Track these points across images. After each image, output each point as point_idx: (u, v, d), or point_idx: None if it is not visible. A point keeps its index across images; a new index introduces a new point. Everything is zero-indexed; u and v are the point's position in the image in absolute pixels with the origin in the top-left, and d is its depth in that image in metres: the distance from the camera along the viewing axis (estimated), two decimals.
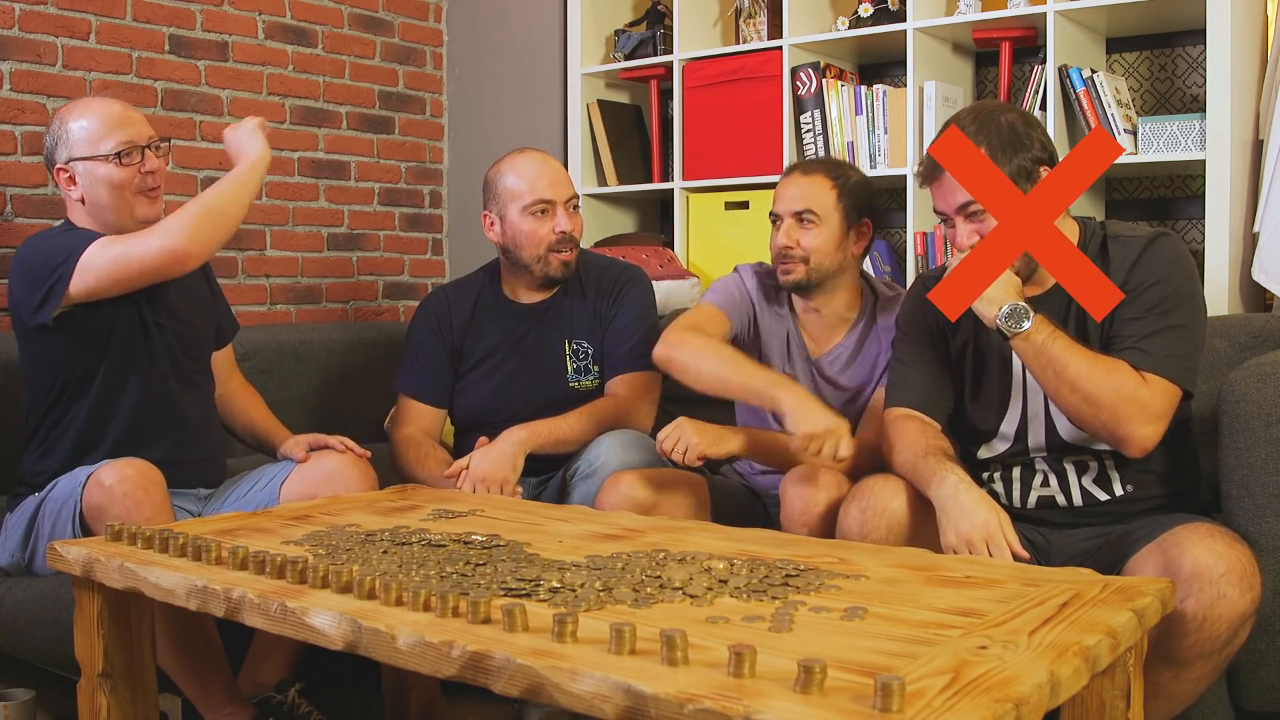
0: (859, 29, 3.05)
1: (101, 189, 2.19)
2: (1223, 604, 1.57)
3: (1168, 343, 1.80)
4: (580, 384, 2.51)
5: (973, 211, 1.87)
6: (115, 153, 2.19)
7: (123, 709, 1.76)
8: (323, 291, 3.58)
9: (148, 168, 2.22)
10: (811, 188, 2.25)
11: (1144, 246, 1.86)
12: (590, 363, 2.52)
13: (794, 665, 1.07)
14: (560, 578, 1.47)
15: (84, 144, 2.19)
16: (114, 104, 2.25)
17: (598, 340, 2.52)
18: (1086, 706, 1.40)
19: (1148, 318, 1.82)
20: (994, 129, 1.87)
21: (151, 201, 2.24)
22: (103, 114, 2.21)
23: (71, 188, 2.21)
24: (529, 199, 2.43)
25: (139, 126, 2.24)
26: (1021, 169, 1.86)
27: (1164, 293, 1.82)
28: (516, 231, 2.46)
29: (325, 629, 1.35)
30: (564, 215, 2.45)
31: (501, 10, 3.81)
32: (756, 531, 1.79)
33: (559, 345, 2.52)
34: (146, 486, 1.96)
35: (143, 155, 2.22)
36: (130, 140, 2.20)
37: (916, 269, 2.92)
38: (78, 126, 2.19)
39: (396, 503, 2.08)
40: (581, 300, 2.55)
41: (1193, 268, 1.88)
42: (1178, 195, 2.88)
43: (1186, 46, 2.83)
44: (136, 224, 2.21)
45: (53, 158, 2.23)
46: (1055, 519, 1.95)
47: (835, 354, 2.31)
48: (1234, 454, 1.81)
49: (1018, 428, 1.95)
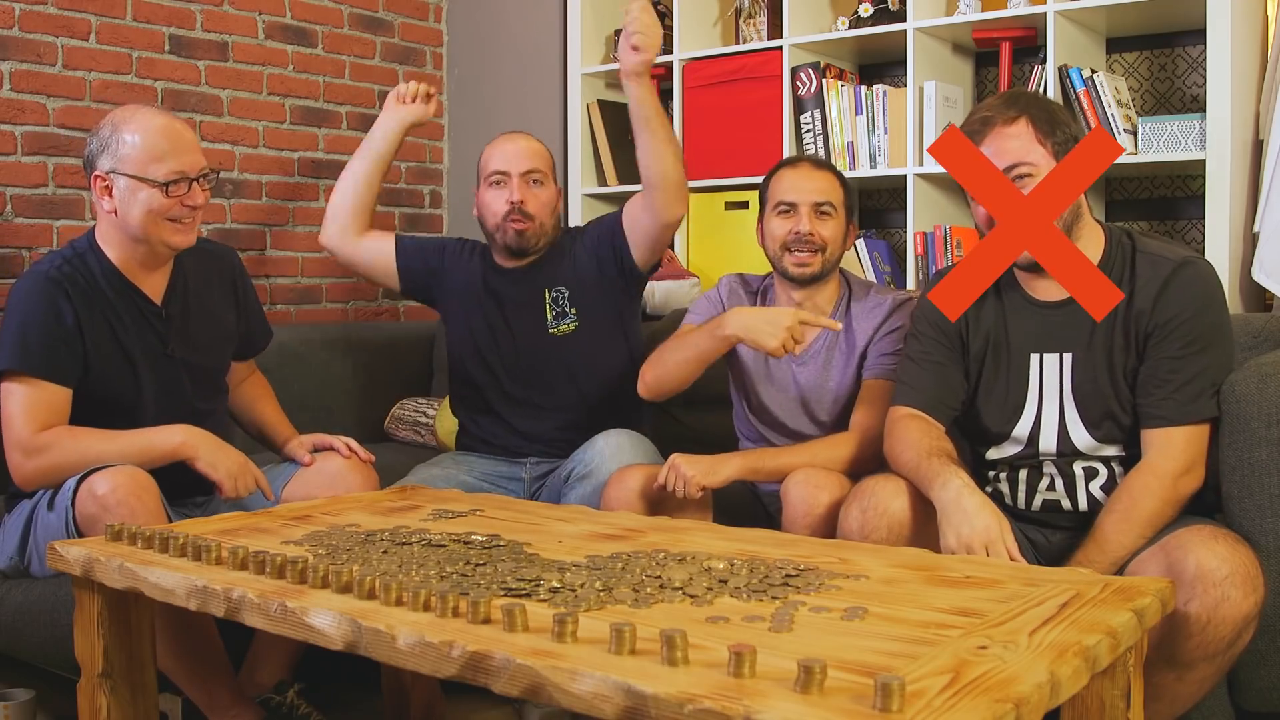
0: (859, 29, 3.05)
1: (138, 210, 2.10)
2: (1226, 606, 1.57)
3: (1200, 387, 1.82)
4: (560, 329, 2.58)
5: (1017, 175, 1.85)
6: (164, 182, 2.10)
7: (123, 709, 1.76)
8: (323, 291, 3.58)
9: (191, 201, 2.14)
10: (827, 181, 2.29)
11: (1172, 272, 1.84)
12: (568, 305, 2.58)
13: (794, 665, 1.06)
14: (560, 578, 1.47)
15: (133, 161, 2.09)
16: (174, 125, 2.15)
17: (572, 281, 2.59)
18: (1086, 706, 1.40)
19: (1184, 357, 1.82)
20: (1032, 102, 1.88)
21: (185, 230, 2.16)
22: (161, 135, 2.11)
23: (105, 198, 2.12)
24: (488, 170, 2.58)
25: (193, 156, 2.14)
26: (1063, 144, 1.85)
27: (1199, 328, 1.82)
28: (481, 203, 2.61)
29: (325, 629, 1.35)
30: (517, 186, 2.53)
31: (501, 10, 3.81)
32: (756, 531, 1.79)
33: (539, 296, 2.60)
34: (139, 494, 1.93)
35: (190, 187, 2.13)
36: (182, 171, 2.11)
37: (916, 269, 2.92)
38: (131, 140, 2.09)
39: (396, 503, 2.08)
40: (561, 253, 2.63)
41: (1223, 298, 1.88)
42: (1178, 195, 2.88)
43: (1186, 46, 2.83)
44: (166, 249, 2.16)
45: (94, 163, 2.13)
46: (1059, 522, 1.95)
47: (815, 348, 2.31)
48: (1234, 454, 1.81)
49: (1030, 432, 1.95)
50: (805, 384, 2.32)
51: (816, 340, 2.32)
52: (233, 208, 3.34)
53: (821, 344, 2.31)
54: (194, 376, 2.26)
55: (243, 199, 3.36)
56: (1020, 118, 1.86)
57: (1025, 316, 1.96)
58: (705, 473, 2.11)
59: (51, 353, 2.08)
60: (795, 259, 2.26)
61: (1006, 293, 1.99)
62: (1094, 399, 1.89)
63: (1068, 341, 1.92)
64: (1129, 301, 1.87)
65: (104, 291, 2.15)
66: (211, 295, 2.33)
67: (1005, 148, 1.86)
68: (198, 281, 2.31)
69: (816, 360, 2.31)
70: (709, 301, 2.42)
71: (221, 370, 2.37)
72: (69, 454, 2.03)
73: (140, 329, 2.18)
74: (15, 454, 2.06)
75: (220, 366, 2.37)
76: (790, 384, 2.33)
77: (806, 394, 2.31)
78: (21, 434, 2.05)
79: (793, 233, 2.25)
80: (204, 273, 2.33)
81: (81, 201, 3.00)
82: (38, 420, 2.05)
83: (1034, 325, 1.95)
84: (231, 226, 3.34)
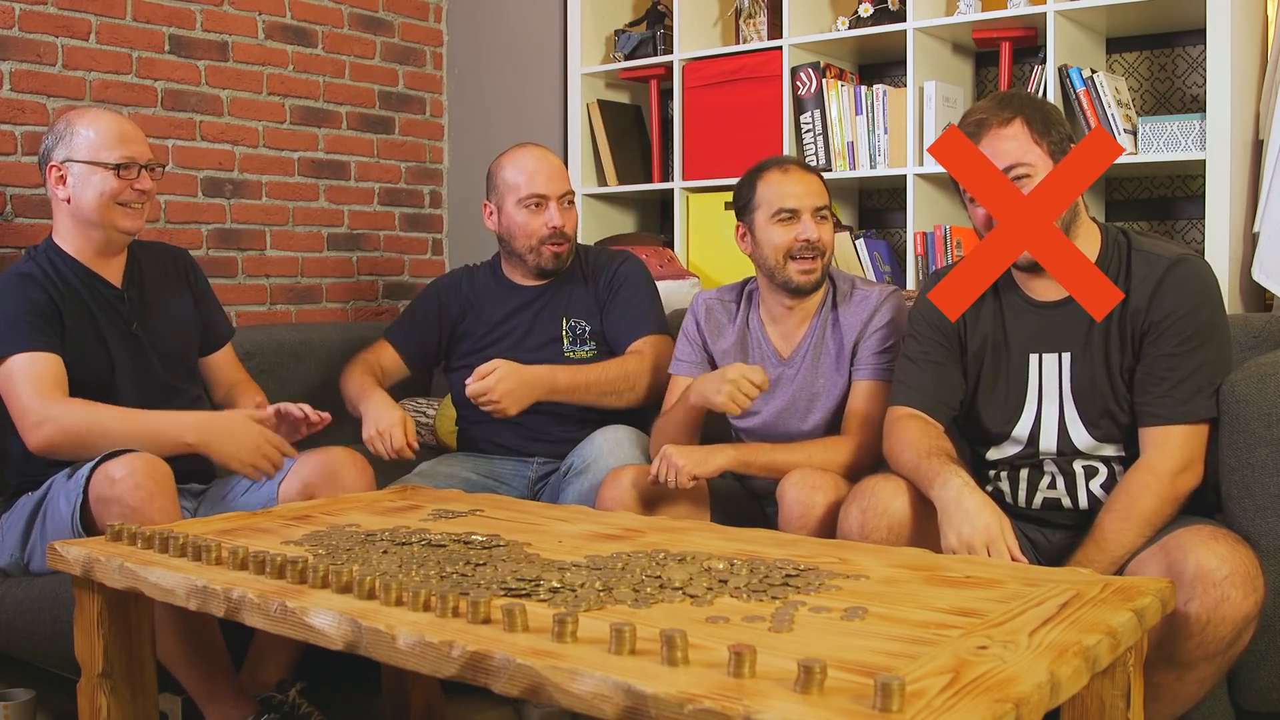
0: (859, 29, 3.05)
1: (91, 194, 2.25)
2: (1226, 606, 1.57)
3: (1197, 384, 1.82)
4: (576, 354, 2.58)
5: (1014, 176, 1.85)
6: (115, 165, 2.24)
7: (123, 709, 1.76)
8: (323, 291, 3.58)
9: (140, 185, 2.28)
10: (819, 184, 2.29)
11: (1166, 270, 1.85)
12: (587, 337, 2.59)
13: (794, 665, 1.06)
14: (560, 578, 1.47)
15: (86, 149, 2.25)
16: (125, 121, 2.32)
17: (595, 320, 2.60)
18: (1086, 706, 1.40)
19: (1180, 354, 1.82)
20: (1026, 103, 1.88)
21: (134, 215, 2.30)
22: (112, 127, 2.28)
23: (60, 187, 2.26)
24: (523, 192, 2.54)
25: (141, 146, 2.31)
26: (1059, 144, 1.86)
27: (1193, 325, 1.82)
28: (511, 223, 2.57)
29: (325, 629, 1.35)
30: (556, 210, 2.54)
31: (501, 10, 3.81)
32: (756, 531, 1.79)
33: (556, 322, 2.60)
34: (156, 480, 1.97)
35: (139, 173, 2.28)
36: (131, 157, 2.27)
37: (916, 269, 2.92)
38: (85, 133, 2.25)
39: (396, 503, 2.08)
40: (579, 286, 2.63)
41: (1219, 295, 1.88)
42: (1178, 195, 2.88)
43: (1186, 46, 2.83)
44: (118, 234, 2.30)
45: (49, 155, 2.27)
46: (1059, 520, 1.95)
47: (802, 350, 2.30)
48: (1234, 454, 1.81)
49: (1031, 431, 1.95)
50: (794, 387, 2.30)
51: (802, 344, 2.30)
52: (233, 208, 3.34)
53: (808, 345, 2.30)
54: (162, 358, 2.37)
55: (243, 199, 3.36)
56: (1015, 119, 1.86)
57: (1024, 317, 1.96)
58: (697, 462, 2.11)
59: (36, 329, 2.19)
60: (801, 266, 2.24)
61: (1005, 293, 1.99)
62: (1093, 398, 1.89)
63: (1066, 341, 1.92)
64: (1125, 300, 1.87)
65: (69, 280, 2.28)
66: (167, 284, 2.46)
67: (1002, 149, 1.86)
68: (153, 272, 2.44)
69: (804, 362, 2.30)
70: (687, 340, 2.41)
71: (189, 355, 2.47)
72: (80, 420, 2.11)
73: (105, 311, 2.31)
74: (26, 423, 2.12)
75: (186, 351, 2.46)
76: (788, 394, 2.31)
77: (796, 397, 2.30)
78: (30, 404, 2.12)
79: (800, 240, 2.23)
80: (158, 265, 2.47)
81: None
82: (42, 389, 2.13)
83: (1032, 325, 1.95)
84: (231, 226, 3.34)
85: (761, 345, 2.34)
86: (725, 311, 2.40)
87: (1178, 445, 1.81)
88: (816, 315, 2.30)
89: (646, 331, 2.55)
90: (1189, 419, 1.81)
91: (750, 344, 2.35)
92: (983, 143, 1.87)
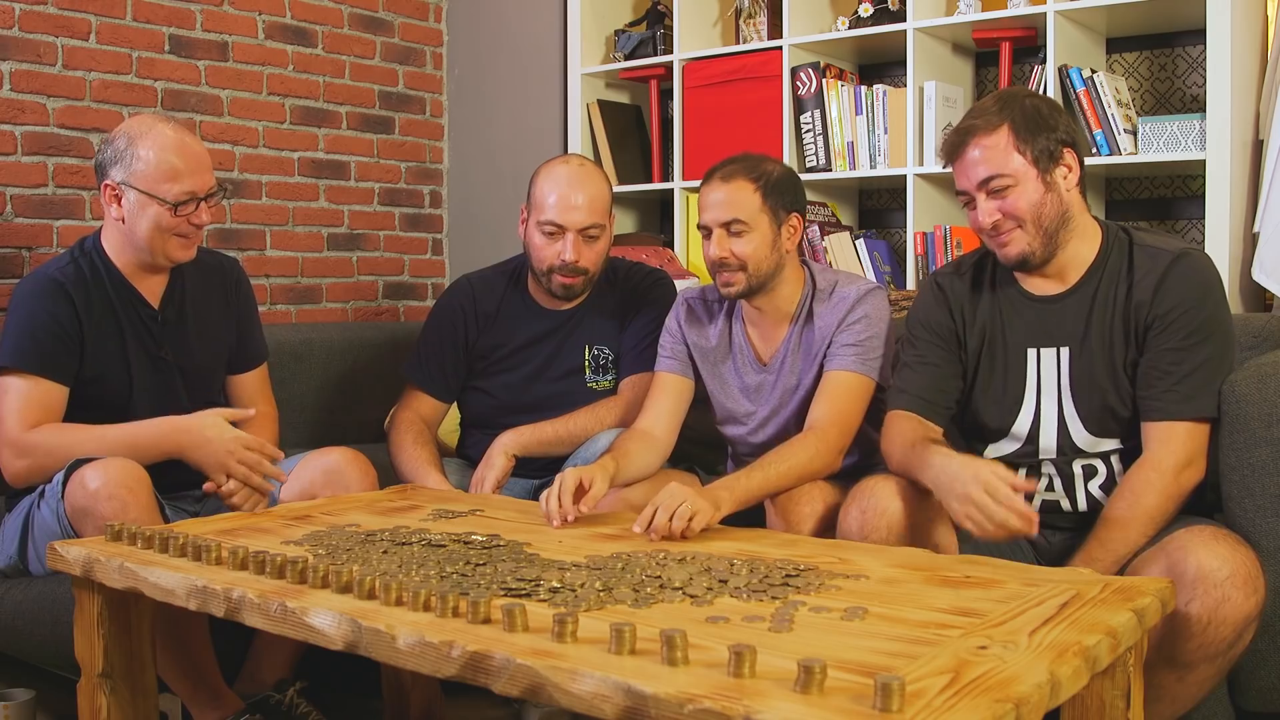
0: (859, 29, 3.05)
1: (145, 225, 2.15)
2: (1227, 607, 1.57)
3: (1201, 380, 1.82)
4: (598, 384, 2.53)
5: (995, 188, 1.86)
6: (174, 202, 2.13)
7: (123, 709, 1.76)
8: (323, 291, 3.58)
9: (198, 220, 2.18)
10: (734, 194, 2.18)
11: (1170, 264, 1.85)
12: (610, 366, 2.53)
13: (794, 665, 1.06)
14: (560, 578, 1.47)
15: (144, 178, 2.13)
16: (188, 143, 2.17)
17: (616, 347, 2.54)
18: (1086, 706, 1.40)
19: (1184, 349, 1.82)
20: (1017, 108, 1.88)
21: (188, 247, 2.20)
22: (175, 154, 2.14)
23: (114, 205, 2.16)
24: (543, 216, 2.42)
25: (203, 176, 2.17)
26: (1045, 150, 1.86)
27: (1196, 320, 1.82)
28: (530, 240, 2.48)
29: (325, 629, 1.35)
30: (572, 243, 2.41)
31: (501, 10, 3.81)
32: (756, 531, 1.79)
33: (580, 350, 2.54)
34: (132, 486, 1.93)
35: (197, 206, 2.17)
36: (192, 192, 2.15)
37: (916, 269, 2.92)
38: (145, 156, 2.12)
39: (396, 503, 2.08)
40: (607, 307, 2.55)
41: (1222, 289, 1.88)
42: (1178, 195, 2.88)
43: (1186, 46, 2.83)
44: (168, 261, 2.20)
45: (105, 170, 2.16)
46: (1058, 523, 1.95)
47: (782, 353, 2.27)
48: (1234, 454, 1.81)
49: (1030, 429, 1.95)
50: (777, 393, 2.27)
51: (780, 348, 2.27)
52: (233, 208, 3.34)
53: (786, 350, 2.26)
54: (187, 381, 2.28)
55: (243, 199, 3.36)
56: (1002, 125, 1.86)
57: (1021, 311, 1.97)
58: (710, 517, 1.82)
59: (50, 351, 2.11)
60: (721, 281, 2.21)
61: (1002, 288, 1.99)
62: (1091, 393, 1.89)
63: (1064, 336, 1.92)
64: (1128, 294, 1.87)
65: (105, 291, 2.19)
66: (209, 304, 2.36)
67: (983, 158, 1.87)
68: (196, 289, 2.34)
69: (783, 367, 2.26)
70: (670, 336, 2.38)
71: (215, 377, 2.38)
72: (55, 451, 2.05)
73: (136, 331, 2.22)
74: (5, 452, 2.09)
75: (213, 374, 2.38)
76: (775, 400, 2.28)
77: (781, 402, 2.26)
78: (12, 432, 2.08)
79: (710, 258, 2.20)
80: (203, 282, 2.36)
81: (81, 201, 3.00)
82: (30, 418, 2.08)
83: (1030, 320, 1.95)
84: (231, 226, 3.33)
85: (744, 351, 2.32)
86: (706, 311, 2.37)
87: (1181, 441, 1.81)
88: (794, 320, 2.26)
89: (643, 369, 2.46)
90: (1193, 415, 1.81)
91: (734, 349, 2.33)
92: (968, 148, 1.88)
